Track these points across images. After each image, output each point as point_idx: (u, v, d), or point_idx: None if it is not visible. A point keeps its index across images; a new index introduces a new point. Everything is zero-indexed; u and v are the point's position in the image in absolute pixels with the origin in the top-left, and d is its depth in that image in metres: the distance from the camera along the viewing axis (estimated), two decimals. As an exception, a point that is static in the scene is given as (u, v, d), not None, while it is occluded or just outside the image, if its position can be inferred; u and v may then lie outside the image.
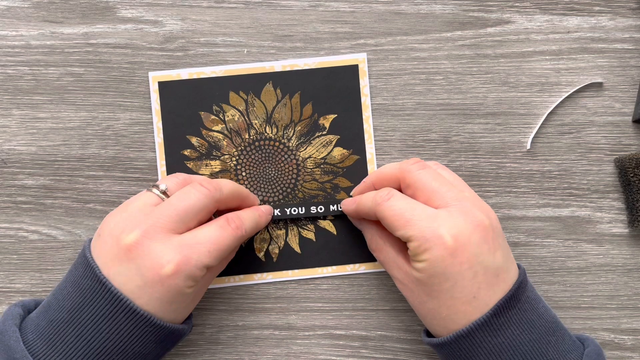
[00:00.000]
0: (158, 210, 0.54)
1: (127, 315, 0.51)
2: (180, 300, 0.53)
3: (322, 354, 0.64)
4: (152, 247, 0.52)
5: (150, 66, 0.64)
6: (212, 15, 0.65)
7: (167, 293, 0.52)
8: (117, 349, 0.52)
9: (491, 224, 0.54)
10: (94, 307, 0.52)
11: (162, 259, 0.52)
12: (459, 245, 0.52)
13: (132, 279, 0.52)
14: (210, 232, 0.54)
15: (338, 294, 0.65)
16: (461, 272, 0.52)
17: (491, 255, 0.53)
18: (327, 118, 0.64)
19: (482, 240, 0.53)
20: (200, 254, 0.53)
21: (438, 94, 0.65)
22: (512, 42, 0.65)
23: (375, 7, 0.65)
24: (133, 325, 0.52)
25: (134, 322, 0.52)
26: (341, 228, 0.64)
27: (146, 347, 0.53)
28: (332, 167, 0.64)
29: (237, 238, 0.56)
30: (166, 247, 0.52)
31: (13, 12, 0.64)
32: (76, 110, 0.64)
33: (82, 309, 0.52)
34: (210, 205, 0.56)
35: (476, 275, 0.52)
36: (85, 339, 0.52)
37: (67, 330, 0.52)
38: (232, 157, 0.64)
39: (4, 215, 0.64)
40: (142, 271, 0.52)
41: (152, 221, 0.53)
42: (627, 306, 0.65)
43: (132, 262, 0.52)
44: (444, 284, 0.53)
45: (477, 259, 0.52)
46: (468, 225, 0.53)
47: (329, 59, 0.64)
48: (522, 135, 0.65)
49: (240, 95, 0.64)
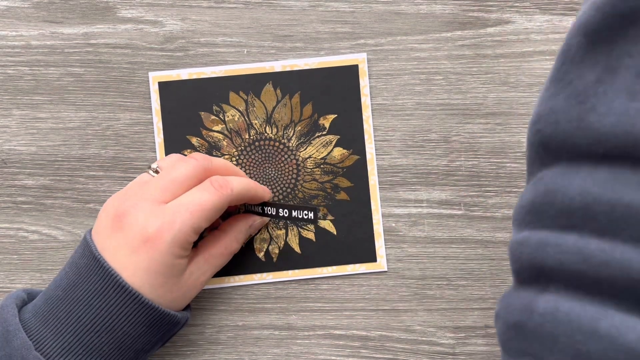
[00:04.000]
0: (147, 184, 0.56)
1: (116, 290, 0.52)
2: (167, 271, 0.54)
3: (322, 354, 0.64)
4: (138, 215, 0.53)
5: (150, 66, 0.64)
6: (212, 15, 0.65)
7: (152, 260, 0.53)
8: (106, 327, 0.52)
9: None
10: (87, 284, 0.53)
11: (147, 224, 0.53)
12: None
13: (120, 249, 0.53)
14: (193, 194, 0.55)
15: (338, 294, 0.65)
16: None
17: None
18: (327, 118, 0.64)
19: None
20: (183, 216, 0.53)
21: (438, 94, 0.65)
22: (512, 42, 0.65)
23: (375, 7, 0.65)
24: (121, 301, 0.52)
25: (122, 297, 0.52)
26: (341, 228, 0.64)
27: (136, 328, 0.53)
28: (332, 167, 0.64)
29: (223, 197, 0.56)
30: (151, 214, 0.53)
31: (13, 12, 0.64)
32: (76, 110, 0.64)
33: (77, 285, 0.53)
34: (198, 174, 0.57)
35: None
36: (77, 315, 0.52)
37: (60, 307, 0.53)
38: (232, 157, 0.64)
39: (4, 215, 0.64)
40: (128, 239, 0.53)
41: (140, 194, 0.55)
42: (627, 306, 0.65)
43: (120, 232, 0.53)
44: None
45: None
46: None
47: (329, 59, 0.64)
48: (522, 135, 0.65)
49: (240, 95, 0.64)
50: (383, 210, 0.64)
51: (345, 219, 0.64)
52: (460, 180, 0.65)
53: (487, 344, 0.64)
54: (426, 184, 0.65)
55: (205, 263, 0.58)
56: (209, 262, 0.59)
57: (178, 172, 0.56)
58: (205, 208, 0.55)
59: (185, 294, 0.57)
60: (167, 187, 0.55)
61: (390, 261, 0.64)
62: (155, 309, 0.53)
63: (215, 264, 0.60)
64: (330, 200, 0.64)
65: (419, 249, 0.64)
